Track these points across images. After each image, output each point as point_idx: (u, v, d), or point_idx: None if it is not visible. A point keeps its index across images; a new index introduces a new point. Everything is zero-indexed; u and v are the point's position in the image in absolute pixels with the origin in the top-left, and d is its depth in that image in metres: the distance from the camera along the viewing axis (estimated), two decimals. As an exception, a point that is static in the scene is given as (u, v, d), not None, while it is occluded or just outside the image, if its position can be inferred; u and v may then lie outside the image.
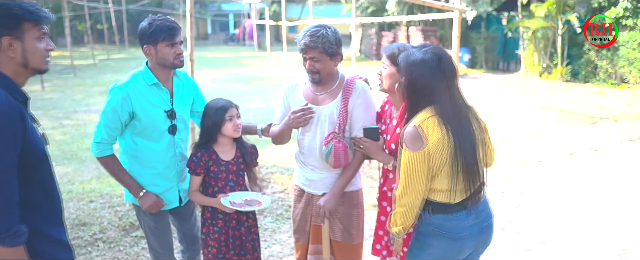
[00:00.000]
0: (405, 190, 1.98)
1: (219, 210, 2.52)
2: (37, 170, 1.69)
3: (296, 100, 2.52)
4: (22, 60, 1.67)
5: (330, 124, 2.43)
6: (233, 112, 2.49)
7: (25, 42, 1.66)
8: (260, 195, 2.55)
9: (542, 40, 13.69)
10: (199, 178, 2.52)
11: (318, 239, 2.60)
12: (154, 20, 2.33)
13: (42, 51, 1.72)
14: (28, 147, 1.62)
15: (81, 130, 8.09)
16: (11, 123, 1.55)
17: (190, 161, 2.50)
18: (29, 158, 1.63)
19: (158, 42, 2.32)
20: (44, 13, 1.70)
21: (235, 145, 2.59)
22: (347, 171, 2.48)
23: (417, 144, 1.92)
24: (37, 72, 1.74)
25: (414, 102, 2.03)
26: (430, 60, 1.98)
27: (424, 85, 1.98)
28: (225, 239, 2.55)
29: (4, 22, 1.62)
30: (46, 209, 1.74)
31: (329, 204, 2.46)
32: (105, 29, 25.52)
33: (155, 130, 2.43)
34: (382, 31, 20.55)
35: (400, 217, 2.04)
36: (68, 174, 5.66)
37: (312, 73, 2.40)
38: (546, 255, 3.66)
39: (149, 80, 2.40)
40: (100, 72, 16.84)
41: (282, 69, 16.97)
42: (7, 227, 1.56)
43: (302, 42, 2.34)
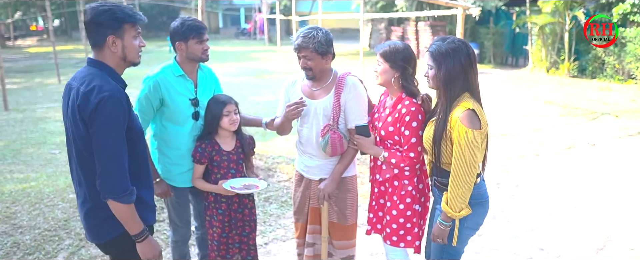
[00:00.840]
0: (468, 168, 2.20)
1: (222, 195, 2.80)
2: (137, 144, 2.08)
3: (295, 95, 2.79)
4: (121, 54, 2.03)
5: (325, 117, 2.70)
6: (230, 107, 2.76)
7: (124, 40, 2.01)
8: (257, 180, 2.84)
9: (550, 35, 13.75)
10: (202, 167, 2.81)
11: (316, 220, 2.87)
12: (185, 21, 2.69)
13: (137, 47, 2.07)
14: (131, 124, 2.01)
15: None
16: (122, 106, 1.93)
17: (195, 151, 2.78)
18: (131, 134, 2.01)
19: (189, 39, 2.67)
20: (140, 16, 2.06)
21: (235, 136, 2.87)
22: (344, 159, 2.75)
23: (476, 124, 2.20)
24: (131, 65, 2.10)
25: (452, 90, 2.26)
26: (460, 49, 2.24)
27: (460, 72, 2.24)
28: (229, 220, 2.84)
29: (109, 24, 1.97)
30: (141, 176, 2.13)
31: (329, 188, 2.74)
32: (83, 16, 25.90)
33: (181, 116, 2.76)
34: (391, 26, 20.67)
35: (461, 198, 2.25)
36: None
37: (305, 70, 2.67)
38: (533, 241, 3.88)
39: (176, 72, 2.75)
40: (114, 66, 17.24)
41: (291, 63, 17.20)
42: (124, 187, 1.94)
43: (295, 42, 2.62)
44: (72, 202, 4.32)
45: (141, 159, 2.13)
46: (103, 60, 2.02)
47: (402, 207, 2.57)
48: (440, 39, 2.32)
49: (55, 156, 6.40)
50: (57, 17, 34.91)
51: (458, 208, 2.26)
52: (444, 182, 2.35)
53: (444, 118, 2.26)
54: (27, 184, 4.89)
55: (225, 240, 2.86)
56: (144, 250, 2.07)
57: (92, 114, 1.88)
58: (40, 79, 14.35)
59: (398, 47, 2.53)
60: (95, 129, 1.89)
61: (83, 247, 3.65)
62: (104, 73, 1.99)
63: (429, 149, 2.36)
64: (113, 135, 1.91)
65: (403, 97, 2.54)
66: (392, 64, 2.52)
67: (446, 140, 2.26)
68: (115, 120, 1.91)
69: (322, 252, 2.85)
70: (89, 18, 1.99)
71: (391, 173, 2.59)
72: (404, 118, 2.49)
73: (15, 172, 5.65)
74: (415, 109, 2.48)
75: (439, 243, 2.39)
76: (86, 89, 1.92)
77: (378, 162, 2.66)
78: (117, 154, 1.93)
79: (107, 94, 1.89)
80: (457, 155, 2.21)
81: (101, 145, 1.91)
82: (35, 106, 10.00)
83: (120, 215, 1.98)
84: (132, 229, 2.02)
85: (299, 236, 2.97)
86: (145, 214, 2.12)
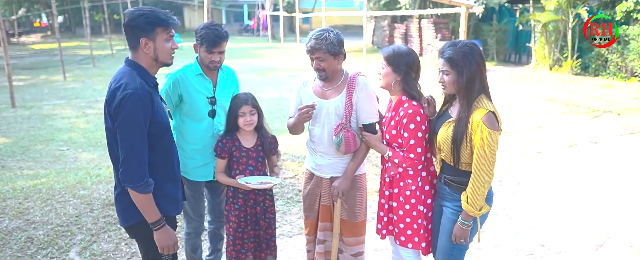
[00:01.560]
0: (489, 168, 2.29)
1: (239, 190, 2.90)
2: (162, 139, 2.23)
3: (307, 95, 2.88)
4: (154, 55, 2.20)
5: (337, 116, 2.79)
6: (245, 109, 2.84)
7: (156, 42, 2.18)
8: (273, 178, 2.92)
9: (553, 33, 13.78)
10: (223, 161, 2.91)
11: (326, 217, 2.96)
12: (207, 27, 2.80)
13: (169, 49, 2.23)
14: (155, 120, 2.16)
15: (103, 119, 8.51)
16: (143, 103, 2.09)
17: (217, 146, 2.89)
18: (155, 129, 2.17)
19: (202, 45, 2.79)
20: (173, 20, 2.21)
21: (256, 134, 2.95)
22: (357, 157, 2.85)
23: (495, 125, 2.29)
24: (163, 65, 2.29)
25: (471, 93, 2.34)
26: (474, 51, 2.34)
27: (477, 74, 2.33)
28: (244, 216, 2.93)
29: (142, 27, 2.14)
30: (165, 169, 2.28)
31: (342, 186, 2.83)
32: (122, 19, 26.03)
33: (198, 113, 2.88)
34: (394, 23, 20.71)
35: (482, 196, 2.34)
36: (94, 160, 6.10)
37: (319, 71, 2.76)
38: (534, 238, 3.96)
39: (196, 70, 2.87)
40: (118, 63, 17.31)
41: (295, 60, 17.30)
42: (140, 178, 2.10)
43: (308, 44, 2.71)
44: (82, 198, 4.42)
45: (166, 152, 2.27)
46: (137, 60, 2.21)
47: (408, 207, 2.65)
48: (451, 44, 2.39)
49: (63, 153, 6.51)
50: (61, 14, 35.01)
51: (479, 206, 2.35)
52: (460, 182, 2.43)
53: (465, 120, 2.33)
54: (37, 180, 4.99)
55: (241, 235, 2.95)
56: (159, 238, 2.23)
57: (116, 109, 2.07)
58: (46, 76, 14.47)
59: (402, 52, 2.61)
60: (118, 122, 2.08)
61: (95, 242, 3.74)
62: (134, 72, 2.17)
63: (446, 150, 2.42)
64: (133, 129, 2.07)
65: (403, 99, 2.62)
66: (394, 67, 2.59)
67: (466, 142, 2.33)
68: (136, 115, 2.07)
69: (333, 249, 2.94)
70: (126, 22, 2.17)
71: (395, 171, 2.67)
72: (402, 120, 2.56)
73: (24, 169, 5.76)
74: (412, 112, 2.54)
75: (462, 243, 2.47)
76: (115, 86, 2.12)
77: (387, 164, 2.74)
78: (135, 147, 2.09)
79: (130, 91, 2.06)
80: (479, 155, 2.29)
81: (123, 138, 2.08)
82: (42, 103, 10.11)
83: (137, 203, 2.16)
84: (148, 217, 2.18)
85: (308, 233, 3.06)
86: (166, 204, 2.27)
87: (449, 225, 2.51)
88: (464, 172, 2.41)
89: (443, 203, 2.57)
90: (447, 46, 2.40)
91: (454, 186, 2.47)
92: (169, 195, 2.31)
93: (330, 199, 2.94)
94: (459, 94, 2.39)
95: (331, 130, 2.80)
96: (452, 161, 2.42)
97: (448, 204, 2.52)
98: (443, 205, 2.57)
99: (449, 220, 2.51)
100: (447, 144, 2.40)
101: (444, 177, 2.53)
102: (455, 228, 2.45)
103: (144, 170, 2.11)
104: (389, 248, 3.71)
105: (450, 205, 2.51)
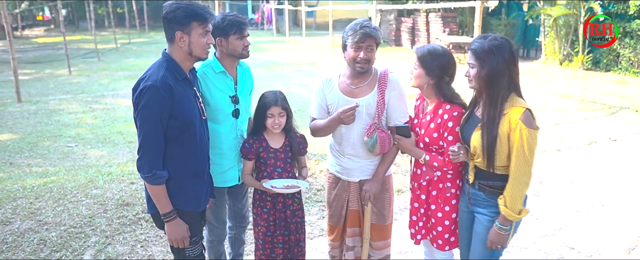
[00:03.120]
0: (529, 169, 2.18)
1: (267, 194, 2.76)
2: (184, 133, 2.22)
3: (333, 94, 2.71)
4: (188, 49, 2.20)
5: (368, 115, 2.63)
6: (274, 110, 2.68)
7: (191, 36, 2.18)
8: (300, 182, 2.77)
9: (564, 27, 13.58)
10: (251, 163, 2.77)
11: (355, 222, 2.83)
12: (226, 16, 2.63)
13: (204, 44, 2.22)
14: (175, 114, 2.15)
15: (111, 114, 8.40)
16: (160, 95, 2.09)
17: (243, 147, 2.74)
18: (175, 122, 2.16)
19: (229, 35, 2.61)
20: (209, 15, 2.20)
21: (284, 134, 2.80)
22: (387, 158, 2.71)
23: (533, 123, 2.17)
24: (198, 59, 2.28)
25: (495, 90, 2.19)
26: (504, 47, 2.17)
27: (504, 70, 2.18)
28: (274, 220, 2.80)
29: (178, 20, 2.14)
30: (185, 163, 2.27)
31: (374, 189, 2.70)
32: (126, 12, 25.86)
33: (221, 113, 2.70)
34: (401, 17, 20.49)
35: (521, 200, 2.21)
36: (104, 157, 5.97)
37: (363, 63, 2.56)
38: (562, 240, 3.83)
39: (217, 68, 2.69)
40: (122, 57, 17.22)
41: (301, 54, 17.13)
42: (149, 169, 2.13)
43: (360, 31, 2.50)
44: (95, 197, 4.30)
45: (188, 146, 2.25)
46: (172, 53, 2.22)
47: (448, 209, 2.53)
48: (481, 37, 2.25)
49: (71, 149, 6.38)
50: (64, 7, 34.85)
51: (518, 209, 2.22)
52: (495, 186, 2.29)
53: (495, 121, 2.19)
54: (47, 179, 4.87)
55: (271, 239, 2.82)
56: (169, 231, 2.27)
57: (136, 99, 2.12)
58: (51, 70, 14.34)
59: (437, 53, 2.46)
60: (137, 112, 2.12)
61: (110, 245, 3.63)
62: (164, 64, 2.18)
63: (480, 154, 2.27)
64: (148, 120, 2.10)
65: (442, 101, 2.48)
66: (427, 70, 2.45)
67: (501, 143, 2.19)
68: (152, 108, 2.09)
69: (363, 253, 2.81)
70: (163, 14, 2.17)
71: (431, 175, 2.54)
72: (446, 123, 2.43)
73: (33, 166, 5.64)
74: (457, 114, 2.42)
75: (498, 248, 2.34)
76: (141, 77, 2.17)
77: (420, 169, 2.61)
78: (149, 139, 2.11)
79: (149, 83, 2.08)
80: (518, 157, 2.16)
81: (139, 128, 2.13)
82: (48, 98, 9.98)
83: (150, 192, 2.22)
84: (160, 208, 2.23)
85: (334, 239, 2.93)
86: (183, 198, 2.28)
87: (483, 233, 2.38)
88: (500, 175, 2.28)
89: (475, 209, 2.43)
90: (476, 38, 2.27)
91: (489, 191, 2.34)
92: (188, 190, 2.30)
93: (359, 203, 2.81)
94: (483, 91, 2.25)
95: (361, 131, 2.65)
96: (486, 166, 2.28)
97: (482, 210, 2.38)
98: (475, 212, 2.43)
99: (485, 228, 2.37)
100: (481, 148, 2.25)
101: (478, 183, 2.37)
102: (492, 234, 2.32)
103: (155, 163, 2.14)
104: (413, 250, 3.62)
105: (484, 212, 2.37)
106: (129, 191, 4.44)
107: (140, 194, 4.35)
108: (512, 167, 2.19)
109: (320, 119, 2.76)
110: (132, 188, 4.51)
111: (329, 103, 2.73)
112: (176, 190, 2.25)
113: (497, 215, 2.29)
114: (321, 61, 15.53)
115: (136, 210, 4.09)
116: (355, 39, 2.53)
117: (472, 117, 2.36)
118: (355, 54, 2.56)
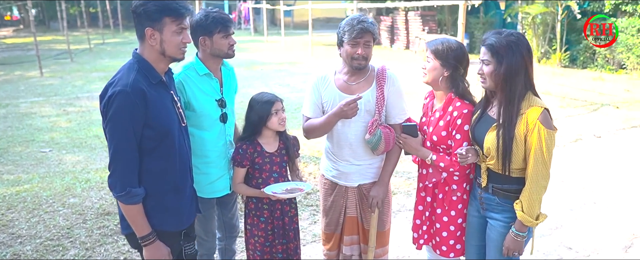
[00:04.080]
0: (547, 172, 2.06)
1: (264, 201, 2.59)
2: (161, 143, 1.97)
3: (329, 91, 2.57)
4: (160, 49, 1.95)
5: (367, 112, 2.50)
6: (278, 105, 2.55)
7: (164, 34, 1.93)
8: (300, 183, 2.62)
9: (541, 25, 13.75)
10: (243, 170, 2.59)
11: (353, 230, 2.69)
12: (209, 13, 2.43)
13: (178, 43, 1.97)
14: (150, 123, 1.91)
15: (86, 117, 8.07)
16: (131, 102, 1.85)
17: (236, 153, 2.56)
18: (151, 132, 1.92)
19: (214, 33, 2.42)
20: (185, 10, 1.95)
21: (278, 137, 2.65)
22: (391, 159, 2.58)
23: (551, 124, 2.05)
24: (173, 60, 2.02)
25: (513, 88, 2.06)
26: (521, 42, 2.06)
27: (522, 68, 2.06)
28: (272, 228, 2.64)
29: (149, 15, 1.89)
30: (163, 177, 2.02)
31: (381, 194, 2.57)
32: (99, 12, 25.20)
33: (207, 119, 2.51)
34: (380, 15, 20.48)
35: (539, 204, 2.08)
36: (80, 162, 5.69)
37: (360, 59, 2.44)
38: (560, 240, 3.78)
39: (201, 70, 2.48)
40: (97, 57, 16.70)
41: (281, 54, 16.94)
42: (122, 187, 1.88)
43: (358, 27, 2.38)
44: (73, 207, 4.06)
45: (166, 158, 2.00)
46: (142, 52, 1.99)
47: (454, 213, 2.42)
48: (496, 32, 2.13)
49: (45, 155, 6.08)
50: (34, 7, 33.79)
51: (535, 214, 2.10)
52: (510, 190, 2.18)
53: (512, 121, 2.07)
54: (20, 187, 4.59)
55: (269, 250, 2.66)
56: (148, 255, 2.01)
57: (105, 107, 1.88)
58: (21, 72, 13.79)
59: (452, 45, 2.34)
60: (106, 122, 1.89)
61: (90, 258, 3.40)
62: (135, 66, 1.95)
63: (494, 155, 2.15)
64: (119, 131, 1.86)
65: (453, 97, 2.36)
66: (443, 62, 2.33)
67: (517, 145, 2.08)
68: (122, 116, 1.85)
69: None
70: (132, 8, 1.94)
71: (438, 177, 2.41)
72: (455, 121, 2.31)
73: (4, 173, 5.34)
74: (467, 111, 2.30)
75: (515, 256, 2.23)
76: (109, 82, 1.93)
77: (427, 170, 2.48)
78: (121, 151, 1.87)
79: (119, 88, 1.85)
80: (536, 159, 2.04)
81: (109, 140, 1.89)
82: (18, 101, 9.56)
83: (124, 213, 1.96)
84: (137, 230, 1.98)
85: (330, 248, 2.77)
86: (163, 217, 2.03)
87: (498, 239, 2.25)
88: (515, 178, 2.16)
89: (488, 215, 2.30)
90: (490, 34, 2.14)
91: (503, 195, 2.22)
92: (169, 207, 2.05)
93: (357, 209, 2.67)
94: (498, 89, 2.12)
95: (359, 130, 2.51)
96: (500, 168, 2.16)
97: (496, 216, 2.26)
98: (488, 217, 2.31)
99: (499, 234, 2.25)
100: (495, 150, 2.13)
101: (492, 187, 2.25)
102: (508, 240, 2.20)
103: (129, 179, 1.89)
104: (410, 254, 3.50)
105: (499, 217, 2.25)
106: (109, 199, 4.21)
107: (121, 202, 4.13)
108: (529, 169, 2.07)
109: (315, 118, 2.62)
110: (113, 196, 4.28)
111: (325, 101, 2.58)
112: (155, 209, 2.00)
113: (512, 220, 2.18)
114: (301, 60, 15.38)
115: (117, 220, 3.86)
116: (353, 34, 2.40)
117: (485, 117, 2.24)
118: (352, 50, 2.43)
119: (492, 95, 2.23)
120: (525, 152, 2.09)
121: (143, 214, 1.96)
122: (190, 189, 2.24)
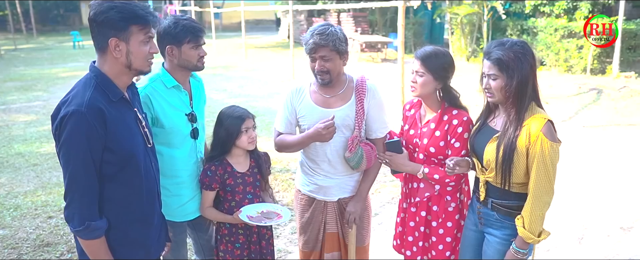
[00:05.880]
0: (550, 186, 1.97)
1: (239, 226, 2.39)
2: (124, 169, 1.76)
3: (304, 105, 2.42)
4: (126, 61, 1.75)
5: (345, 127, 2.38)
6: (249, 123, 2.36)
7: (130, 44, 1.73)
8: (276, 206, 2.44)
9: (468, 25, 14.41)
10: (212, 193, 2.37)
11: (333, 246, 2.55)
12: (179, 20, 2.22)
13: (146, 54, 1.79)
14: (111, 146, 1.70)
15: (5, 133, 7.30)
16: (87, 124, 1.63)
17: (204, 175, 2.34)
18: (111, 156, 1.71)
19: (183, 43, 2.21)
20: (152, 17, 1.76)
21: (249, 155, 2.45)
22: (370, 174, 2.48)
23: (555, 136, 1.97)
24: (139, 73, 1.83)
25: (522, 100, 1.99)
26: (527, 51, 1.98)
27: (530, 78, 1.98)
28: (248, 254, 2.44)
29: (113, 24, 1.68)
30: (128, 206, 1.81)
31: (359, 209, 2.45)
32: (9, 15, 23.15)
33: (178, 135, 2.29)
34: (312, 17, 20.51)
35: (542, 220, 1.99)
36: (4, 186, 5.08)
37: (322, 74, 2.31)
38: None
39: (168, 82, 2.26)
40: (10, 65, 15.27)
41: (213, 58, 16.41)
42: (80, 220, 1.68)
43: (311, 41, 2.26)
44: (3, 240, 3.58)
45: (132, 186, 1.81)
46: (102, 66, 1.76)
47: (451, 224, 2.35)
48: (499, 44, 2.03)
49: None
50: None
51: (538, 231, 2.01)
52: (511, 206, 2.10)
53: (515, 134, 1.99)
54: None
55: None
56: None
57: (57, 130, 1.68)
58: None
59: (439, 53, 2.25)
60: (59, 147, 1.68)
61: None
62: (92, 82, 1.73)
63: (496, 170, 2.07)
64: (74, 156, 1.66)
65: (446, 106, 2.29)
66: (435, 75, 2.23)
67: (518, 158, 2.00)
68: (77, 139, 1.64)
69: None
70: (91, 16, 1.71)
71: (432, 191, 2.33)
72: (456, 129, 2.24)
73: None
74: (467, 119, 2.25)
75: None
76: (62, 101, 1.72)
77: (418, 184, 2.39)
78: (77, 180, 1.67)
79: (72, 108, 1.64)
80: (539, 172, 1.96)
81: (63, 167, 1.69)
82: None
83: (85, 249, 1.76)
84: None
85: None
86: (128, 250, 1.84)
87: (495, 256, 2.18)
88: (516, 194, 2.08)
89: (486, 230, 2.22)
90: (493, 46, 2.04)
91: (503, 211, 2.13)
92: (134, 240, 1.87)
93: (338, 225, 2.54)
94: (508, 103, 2.03)
95: (338, 146, 2.38)
96: (500, 182, 2.08)
97: (495, 232, 2.18)
98: (485, 232, 2.23)
99: (496, 251, 2.17)
100: (496, 162, 2.05)
101: (491, 202, 2.16)
102: (508, 257, 2.11)
103: (88, 211, 1.69)
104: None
105: (497, 234, 2.16)
106: (47, 228, 3.76)
107: (62, 230, 3.71)
108: (531, 184, 1.99)
109: (289, 134, 2.46)
110: (51, 223, 3.83)
111: (300, 116, 2.43)
112: (119, 242, 1.80)
113: (511, 237, 2.10)
114: (235, 64, 15.04)
115: (60, 251, 3.45)
116: (307, 49, 2.30)
117: (485, 128, 2.16)
118: (312, 65, 2.33)
119: (495, 107, 2.16)
120: (527, 165, 2.02)
121: (106, 249, 1.76)
122: (159, 216, 2.01)
